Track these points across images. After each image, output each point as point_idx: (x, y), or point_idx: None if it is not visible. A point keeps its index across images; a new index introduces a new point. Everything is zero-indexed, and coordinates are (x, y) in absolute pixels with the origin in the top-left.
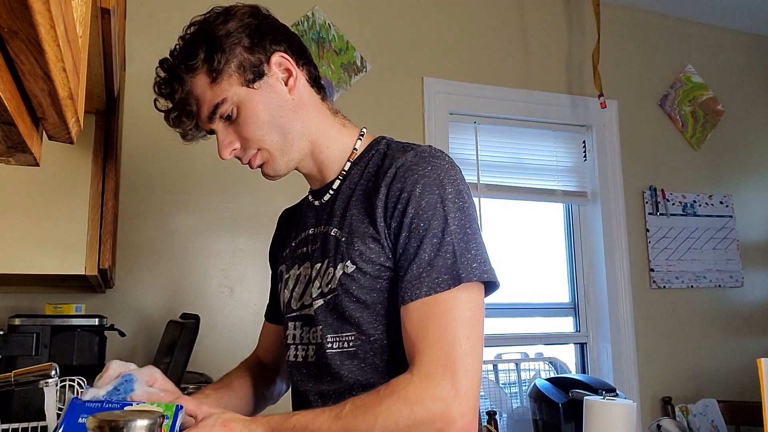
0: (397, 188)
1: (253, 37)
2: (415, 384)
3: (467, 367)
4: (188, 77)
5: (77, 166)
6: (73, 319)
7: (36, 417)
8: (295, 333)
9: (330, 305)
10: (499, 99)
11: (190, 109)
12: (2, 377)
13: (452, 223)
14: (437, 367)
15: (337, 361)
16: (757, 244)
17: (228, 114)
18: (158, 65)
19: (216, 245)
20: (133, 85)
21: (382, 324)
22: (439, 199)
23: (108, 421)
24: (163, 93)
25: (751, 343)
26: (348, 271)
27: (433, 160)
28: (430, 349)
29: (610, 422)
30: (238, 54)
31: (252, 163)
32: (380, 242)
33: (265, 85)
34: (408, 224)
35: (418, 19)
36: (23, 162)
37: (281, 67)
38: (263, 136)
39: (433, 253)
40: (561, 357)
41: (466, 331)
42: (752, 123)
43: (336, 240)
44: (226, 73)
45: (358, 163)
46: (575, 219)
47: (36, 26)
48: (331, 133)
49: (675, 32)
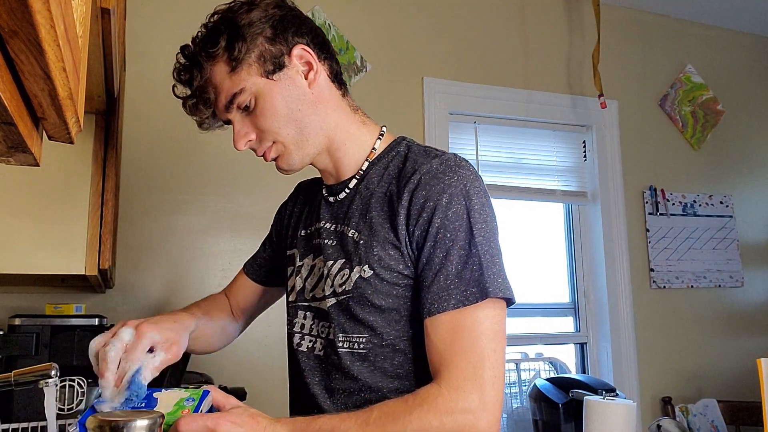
0: (422, 196)
1: (275, 28)
2: (444, 396)
3: (494, 381)
4: (208, 64)
5: (77, 166)
6: (73, 319)
7: (36, 417)
8: (304, 323)
9: (342, 305)
10: (499, 99)
11: (208, 96)
12: (2, 377)
13: (478, 235)
14: (466, 381)
15: (347, 361)
16: (757, 244)
17: (246, 104)
18: (179, 51)
19: (216, 245)
20: (133, 85)
21: (395, 329)
22: (465, 210)
23: (108, 421)
24: (182, 79)
25: (751, 343)
26: (365, 275)
27: (459, 170)
28: (459, 362)
29: (610, 422)
30: (259, 44)
31: (266, 155)
32: (400, 249)
33: (284, 77)
34: (434, 234)
35: (418, 19)
36: (23, 162)
37: (302, 60)
38: (279, 128)
39: (460, 265)
40: (561, 357)
41: (493, 345)
42: (752, 123)
43: (354, 242)
44: (245, 63)
45: (377, 163)
46: (575, 219)
47: (36, 26)
48: (349, 129)
49: (675, 32)
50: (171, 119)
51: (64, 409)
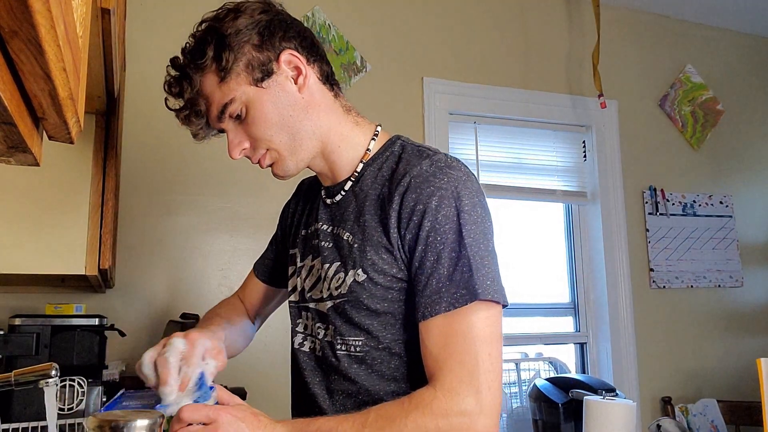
0: (412, 199)
1: (262, 35)
2: (439, 399)
3: (490, 384)
4: (197, 76)
5: (77, 166)
6: (73, 319)
7: (36, 417)
8: (306, 323)
9: (339, 309)
10: (499, 99)
11: (200, 108)
12: (2, 377)
13: (467, 237)
14: (461, 384)
15: (345, 364)
16: (757, 244)
17: (237, 113)
18: (169, 63)
19: (215, 245)
20: (133, 85)
21: (391, 333)
22: (455, 212)
23: (108, 421)
24: (173, 92)
25: (751, 343)
26: (359, 279)
27: (450, 171)
28: (453, 365)
29: (610, 422)
30: (246, 52)
31: (261, 162)
32: (393, 253)
33: (274, 84)
34: (424, 238)
35: (418, 19)
36: (23, 162)
37: (291, 65)
38: (272, 136)
39: (451, 267)
40: (561, 357)
41: (488, 348)
42: (752, 123)
43: (348, 245)
44: (234, 72)
45: (372, 164)
46: (575, 219)
47: (36, 26)
48: (343, 132)
49: (675, 32)
50: (171, 119)
51: (64, 409)
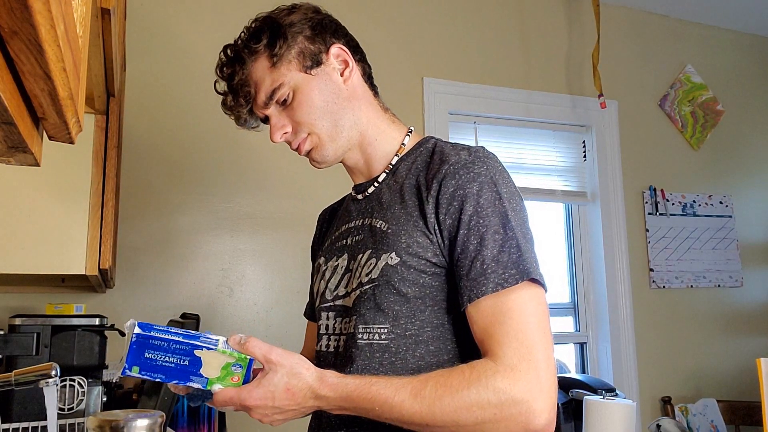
0: (452, 185)
1: (314, 29)
2: (501, 374)
3: (548, 363)
4: (250, 60)
5: (77, 166)
6: (73, 319)
7: (36, 417)
8: (328, 323)
9: (367, 295)
10: (499, 99)
11: (248, 90)
12: (2, 377)
13: (512, 219)
14: (521, 361)
15: (367, 353)
16: (757, 244)
17: (284, 98)
18: (222, 50)
19: (216, 245)
20: (133, 85)
21: (420, 319)
22: (497, 196)
23: (108, 421)
24: (223, 74)
25: (751, 343)
26: (392, 262)
27: (488, 161)
28: (511, 342)
29: (610, 422)
30: (299, 42)
31: (301, 148)
32: (429, 237)
33: (322, 73)
34: (467, 222)
35: (418, 19)
36: (23, 162)
37: (339, 59)
38: (315, 120)
39: (496, 249)
40: (561, 357)
41: (543, 326)
42: (752, 123)
43: (381, 231)
44: (285, 59)
45: (406, 159)
46: (575, 219)
47: (36, 26)
48: (380, 126)
49: (675, 32)
50: (171, 119)
51: (64, 409)
